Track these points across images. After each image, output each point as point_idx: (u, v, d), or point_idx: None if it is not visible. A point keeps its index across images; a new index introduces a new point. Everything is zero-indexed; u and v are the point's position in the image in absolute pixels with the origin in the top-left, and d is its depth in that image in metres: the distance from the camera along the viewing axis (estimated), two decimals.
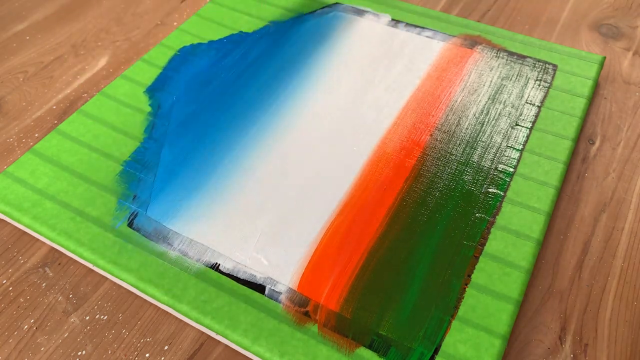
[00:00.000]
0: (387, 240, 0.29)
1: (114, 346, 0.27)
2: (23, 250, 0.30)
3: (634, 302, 0.28)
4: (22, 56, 0.41)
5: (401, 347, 0.25)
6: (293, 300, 0.26)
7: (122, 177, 0.32)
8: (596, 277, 0.29)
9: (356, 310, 0.26)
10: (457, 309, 0.26)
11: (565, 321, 0.27)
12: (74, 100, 0.38)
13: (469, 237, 0.29)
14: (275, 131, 0.34)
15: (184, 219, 0.30)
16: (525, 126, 0.34)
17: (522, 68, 0.37)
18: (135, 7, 0.46)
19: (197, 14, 0.42)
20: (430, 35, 0.40)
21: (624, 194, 0.32)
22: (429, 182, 0.31)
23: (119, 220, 0.30)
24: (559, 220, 0.31)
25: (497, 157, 0.32)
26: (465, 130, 0.34)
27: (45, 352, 0.26)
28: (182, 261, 0.28)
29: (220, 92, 0.36)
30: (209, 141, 0.33)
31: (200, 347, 0.27)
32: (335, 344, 0.25)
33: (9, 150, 0.35)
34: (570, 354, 0.26)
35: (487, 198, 0.30)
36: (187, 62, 0.38)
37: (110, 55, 0.41)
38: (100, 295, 0.28)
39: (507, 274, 0.27)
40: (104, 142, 0.34)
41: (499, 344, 0.25)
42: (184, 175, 0.32)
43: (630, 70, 0.39)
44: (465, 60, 0.38)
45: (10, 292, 0.29)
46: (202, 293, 0.27)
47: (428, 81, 0.37)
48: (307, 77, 0.37)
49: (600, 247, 0.30)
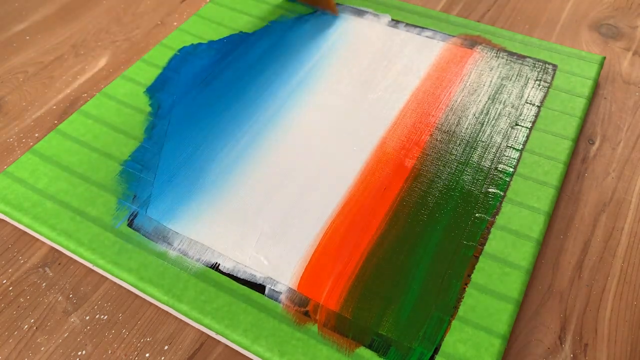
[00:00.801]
0: (387, 240, 0.29)
1: (114, 346, 0.27)
2: (23, 250, 0.30)
3: (634, 302, 0.28)
4: (22, 56, 0.41)
5: (401, 347, 0.25)
6: (293, 300, 0.26)
7: (122, 177, 0.32)
8: (596, 277, 0.29)
9: (356, 310, 0.26)
10: (457, 309, 0.26)
11: (565, 321, 0.27)
12: (74, 100, 0.38)
13: (469, 237, 0.29)
14: (275, 131, 0.34)
15: (184, 219, 0.30)
16: (525, 126, 0.34)
17: (522, 68, 0.37)
18: (135, 7, 0.46)
19: (197, 14, 0.42)
20: (430, 35, 0.40)
21: (624, 194, 0.32)
22: (428, 182, 0.31)
23: (119, 220, 0.30)
24: (559, 220, 0.31)
25: (497, 157, 0.32)
26: (465, 130, 0.34)
27: (45, 352, 0.26)
28: (182, 261, 0.28)
29: (220, 92, 0.36)
30: (209, 141, 0.33)
31: (200, 347, 0.27)
32: (335, 343, 0.25)
33: (9, 150, 0.35)
34: (570, 354, 0.26)
35: (487, 198, 0.30)
36: (187, 62, 0.38)
37: (110, 55, 0.41)
38: (100, 295, 0.28)
39: (507, 274, 0.27)
40: (104, 142, 0.34)
41: (499, 344, 0.25)
42: (184, 175, 0.32)
43: (630, 70, 0.39)
44: (465, 60, 0.38)
45: (10, 292, 0.29)
46: (202, 293, 0.27)
47: (428, 81, 0.37)
48: (307, 77, 0.37)
49: (600, 247, 0.30)
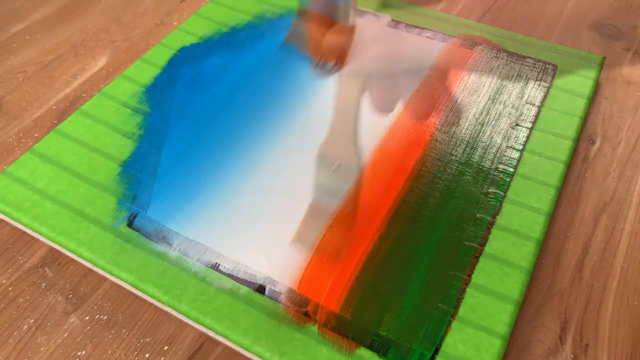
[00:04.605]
0: (387, 241, 0.29)
1: (114, 346, 0.27)
2: (23, 250, 0.30)
3: (634, 302, 0.28)
4: (22, 56, 0.41)
5: (401, 347, 0.25)
6: (293, 300, 0.26)
7: (121, 177, 0.32)
8: (596, 277, 0.29)
9: (356, 310, 0.26)
10: (457, 309, 0.26)
11: (566, 321, 0.27)
12: (73, 100, 0.38)
13: (469, 237, 0.29)
14: (275, 130, 0.34)
15: (184, 219, 0.30)
16: (525, 126, 0.34)
17: (522, 68, 0.37)
18: (135, 7, 0.46)
19: (197, 13, 0.42)
20: (430, 35, 0.40)
21: (624, 194, 0.32)
22: (429, 182, 0.31)
23: (119, 221, 0.30)
24: (559, 220, 0.31)
25: (497, 157, 0.32)
26: (466, 130, 0.34)
27: (45, 352, 0.26)
28: (182, 261, 0.28)
29: (220, 92, 0.36)
30: (208, 141, 0.33)
31: (200, 347, 0.27)
32: (335, 344, 0.25)
33: (9, 150, 0.35)
34: (570, 354, 0.26)
35: (487, 198, 0.30)
36: (187, 62, 0.38)
37: (110, 55, 0.41)
38: (100, 295, 0.28)
39: (507, 274, 0.27)
40: (104, 142, 0.33)
41: (499, 344, 0.25)
42: (183, 175, 0.32)
43: (630, 70, 0.39)
44: (465, 60, 0.38)
45: (10, 292, 0.29)
46: (202, 293, 0.27)
47: (428, 81, 0.37)
48: (306, 77, 0.37)
49: (600, 247, 0.30)
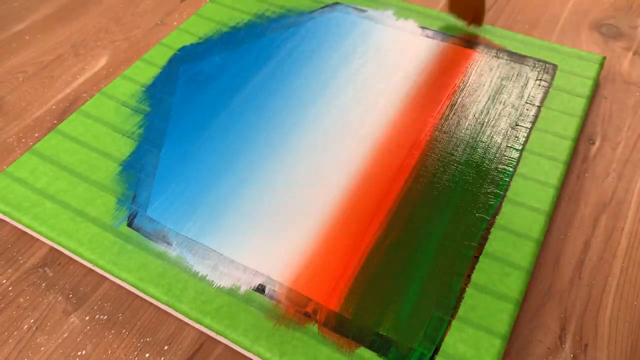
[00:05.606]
0: (387, 241, 0.29)
1: (114, 346, 0.27)
2: (23, 250, 0.30)
3: (634, 302, 0.28)
4: (22, 56, 0.41)
5: (401, 347, 0.25)
6: (293, 300, 0.26)
7: (121, 177, 0.32)
8: (596, 277, 0.29)
9: (356, 310, 0.26)
10: (457, 309, 0.26)
11: (565, 321, 0.27)
12: (73, 100, 0.38)
13: (469, 237, 0.29)
14: (274, 130, 0.34)
15: (184, 219, 0.30)
16: (525, 126, 0.34)
17: (522, 68, 0.37)
18: (135, 7, 0.46)
19: (196, 13, 0.42)
20: (430, 35, 0.40)
21: (624, 194, 0.32)
22: (428, 182, 0.31)
23: (119, 220, 0.30)
24: (559, 220, 0.31)
25: (497, 157, 0.32)
26: (465, 130, 0.34)
27: (45, 352, 0.26)
28: (182, 261, 0.28)
29: (220, 91, 0.36)
30: (208, 141, 0.33)
31: (200, 347, 0.27)
32: (335, 344, 0.25)
33: (9, 150, 0.35)
34: (570, 354, 0.26)
35: (487, 198, 0.30)
36: (187, 61, 0.38)
37: (110, 55, 0.41)
38: (100, 295, 0.28)
39: (507, 274, 0.27)
40: (104, 142, 0.33)
41: (499, 344, 0.25)
42: (183, 175, 0.32)
43: (630, 70, 0.39)
44: (465, 60, 0.38)
45: (10, 292, 0.29)
46: (202, 293, 0.27)
47: (428, 81, 0.37)
48: (306, 77, 0.37)
49: (600, 247, 0.30)
